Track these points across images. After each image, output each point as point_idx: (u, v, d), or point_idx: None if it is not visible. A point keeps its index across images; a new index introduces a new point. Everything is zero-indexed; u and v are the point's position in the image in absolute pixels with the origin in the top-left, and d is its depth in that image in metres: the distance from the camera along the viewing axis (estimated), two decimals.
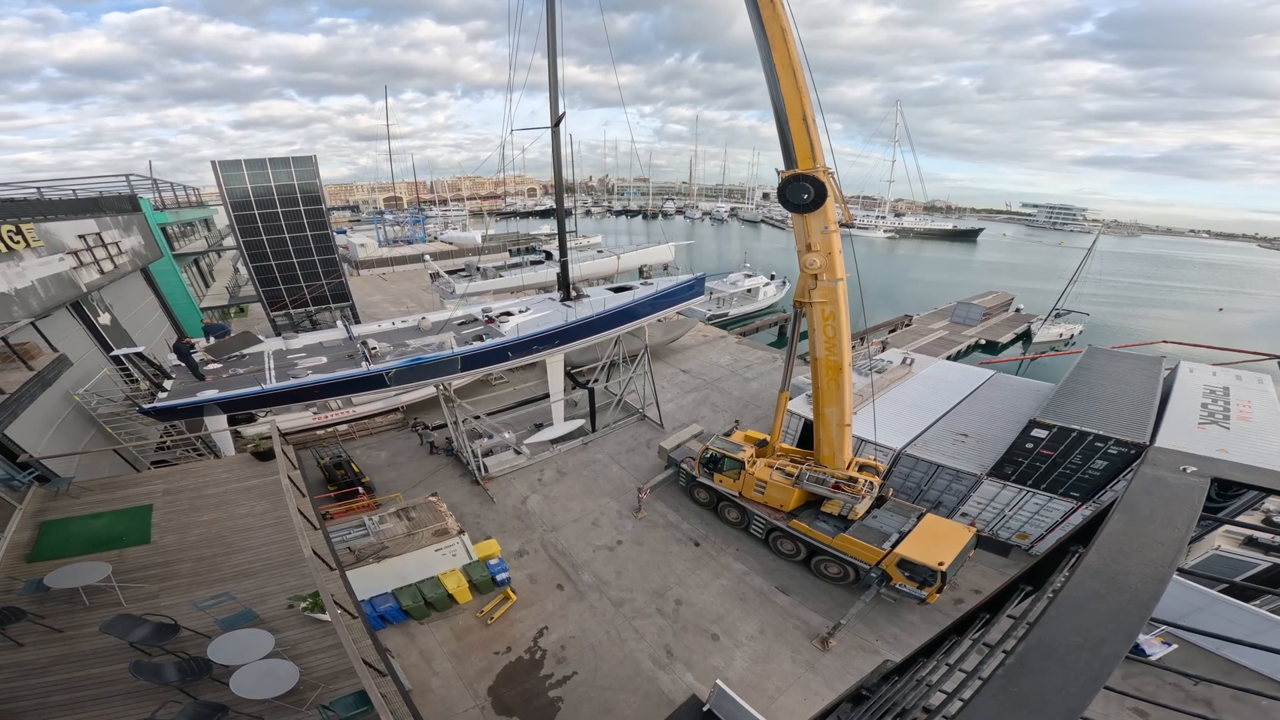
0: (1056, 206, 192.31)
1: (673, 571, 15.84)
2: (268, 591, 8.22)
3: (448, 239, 71.10)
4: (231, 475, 10.90)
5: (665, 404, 25.93)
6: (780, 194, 12.15)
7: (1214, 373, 20.13)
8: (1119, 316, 55.08)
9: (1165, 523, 2.15)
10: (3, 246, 12.50)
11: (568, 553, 16.66)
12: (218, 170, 24.68)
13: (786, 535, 15.67)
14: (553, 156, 18.26)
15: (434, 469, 21.23)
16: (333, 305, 30.29)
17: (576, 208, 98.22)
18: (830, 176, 11.80)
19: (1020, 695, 1.64)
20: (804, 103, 11.09)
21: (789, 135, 11.49)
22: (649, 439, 23.16)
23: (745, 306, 46.72)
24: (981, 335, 41.71)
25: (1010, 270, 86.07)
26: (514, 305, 20.72)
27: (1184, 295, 73.68)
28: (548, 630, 13.90)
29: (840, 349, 13.38)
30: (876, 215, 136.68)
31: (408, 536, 14.42)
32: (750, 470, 16.45)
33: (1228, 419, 16.38)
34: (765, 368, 31.25)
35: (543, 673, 12.79)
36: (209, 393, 14.02)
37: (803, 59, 10.93)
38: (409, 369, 15.64)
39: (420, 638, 13.71)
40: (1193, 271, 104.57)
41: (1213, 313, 61.44)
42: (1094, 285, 52.44)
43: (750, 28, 11.21)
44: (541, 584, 15.48)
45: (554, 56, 16.45)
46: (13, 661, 6.81)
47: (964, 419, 19.43)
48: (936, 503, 17.23)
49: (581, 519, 18.25)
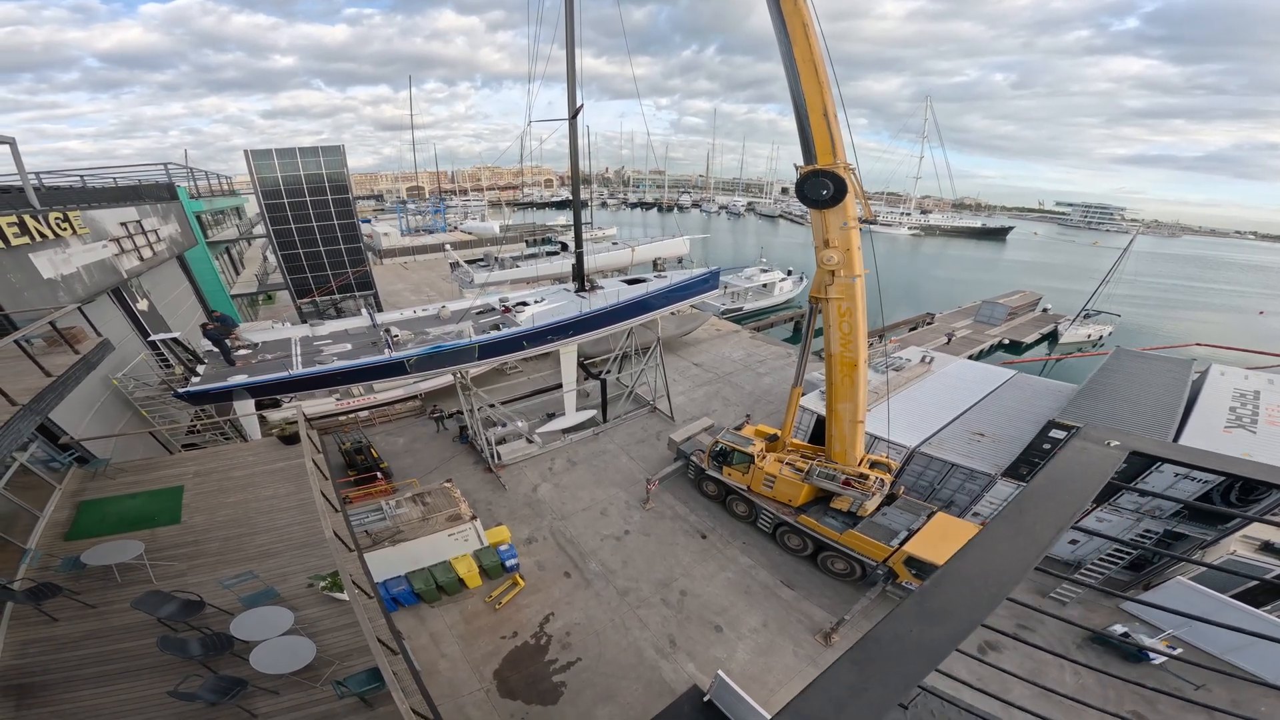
0: (1093, 205, 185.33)
1: (679, 563, 15.97)
2: (289, 571, 8.49)
3: (467, 229, 71.86)
4: (258, 458, 11.22)
5: (676, 397, 26.01)
6: (799, 189, 12.01)
7: (1246, 376, 19.60)
8: (1153, 318, 53.26)
9: (1076, 485, 2.53)
10: (51, 234, 13.08)
11: (576, 541, 16.93)
12: (250, 159, 25.15)
13: (794, 530, 15.68)
14: (570, 148, 18.34)
15: (450, 456, 21.68)
16: (357, 294, 30.94)
17: (592, 200, 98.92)
18: (851, 172, 11.63)
19: (931, 609, 2.13)
20: (825, 97, 10.90)
21: (809, 130, 11.33)
22: (659, 431, 23.26)
23: (760, 301, 46.38)
24: (1005, 335, 40.73)
25: (1040, 270, 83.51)
26: (530, 295, 20.91)
27: (1224, 297, 70.71)
28: (554, 616, 14.17)
29: (856, 345, 13.27)
30: (901, 212, 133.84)
31: (422, 521, 14.81)
32: (760, 464, 16.48)
33: (1255, 423, 16.05)
34: (778, 363, 31.07)
35: (547, 658, 13.06)
36: (239, 378, 14.57)
37: (824, 53, 10.74)
38: (429, 356, 15.99)
39: (430, 620, 14.10)
40: (1235, 273, 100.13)
41: (1253, 316, 58.81)
42: (1128, 286, 50.59)
43: (769, 22, 11.07)
44: (549, 571, 15.77)
45: (572, 48, 16.47)
46: (47, 635, 7.16)
47: (982, 418, 19.19)
48: (949, 502, 17.07)
49: (590, 508, 18.50)
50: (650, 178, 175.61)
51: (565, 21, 16.25)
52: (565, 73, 16.83)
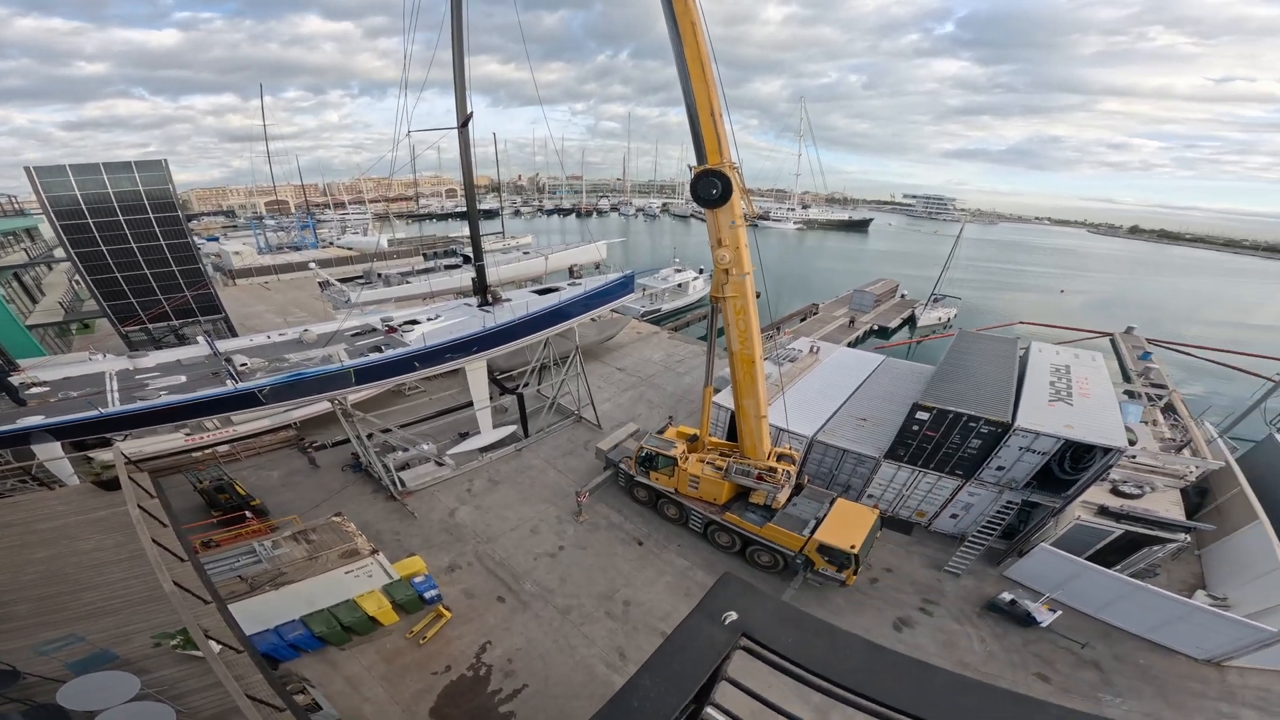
0: (930, 197, 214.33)
1: (619, 573, 16.33)
2: (130, 630, 7.86)
3: (347, 244, 68.33)
4: (70, 508, 10.30)
5: (602, 404, 26.24)
6: (692, 189, 12.50)
7: (1057, 352, 21.84)
8: (985, 300, 62.66)
9: (689, 664, 2.29)
10: None
11: (506, 563, 16.62)
12: (34, 177, 22.25)
13: (722, 528, 16.67)
14: (461, 158, 17.79)
15: (340, 487, 20.25)
16: (202, 318, 28.44)
17: (504, 208, 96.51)
18: (735, 171, 12.15)
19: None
20: (713, 97, 11.39)
21: (699, 130, 11.78)
22: (587, 440, 23.40)
23: (677, 301, 48.14)
24: (874, 321, 46.11)
25: (897, 258, 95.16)
26: (422, 313, 20.23)
27: (1033, 278, 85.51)
28: (491, 644, 13.89)
29: (752, 341, 13.97)
30: (787, 208, 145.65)
31: (309, 560, 13.83)
32: (683, 466, 17.16)
33: (1071, 395, 17.74)
34: (697, 362, 32.40)
35: (490, 688, 12.80)
36: (34, 419, 12.79)
37: (711, 54, 11.19)
38: (288, 385, 14.85)
39: (344, 664, 13.27)
40: (1040, 256, 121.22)
41: (1055, 294, 71.92)
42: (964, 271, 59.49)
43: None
44: (480, 598, 15.36)
45: (460, 55, 15.90)
46: None
47: (863, 404, 21.00)
48: (846, 486, 18.95)
49: (519, 527, 18.22)
50: (568, 183, 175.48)
51: (452, 27, 15.62)
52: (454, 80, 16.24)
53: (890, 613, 15.18)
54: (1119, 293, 76.46)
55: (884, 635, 14.44)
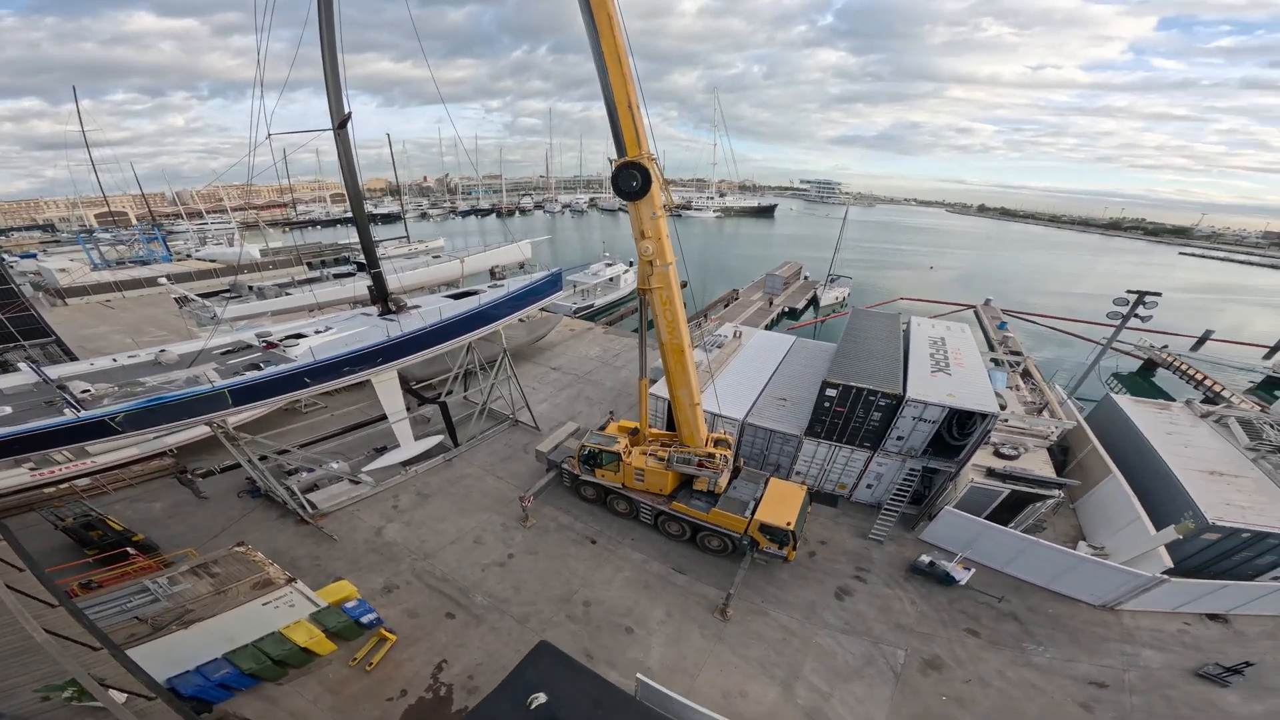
0: (821, 182, 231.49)
1: (574, 574, 16.32)
2: (9, 685, 7.10)
3: (208, 256, 60.80)
4: None
5: (539, 405, 25.77)
6: (613, 182, 12.57)
7: (933, 325, 23.83)
8: (871, 278, 68.84)
9: None
10: None
11: (450, 578, 16.05)
12: None
13: (671, 517, 17.21)
14: (340, 162, 16.63)
15: (240, 514, 18.50)
16: (25, 342, 25.68)
17: (407, 211, 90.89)
18: (653, 163, 12.33)
19: None
20: (630, 91, 11.47)
21: (618, 123, 11.85)
22: (526, 443, 22.88)
23: (609, 296, 47.96)
24: (785, 304, 49.30)
25: (800, 241, 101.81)
26: (308, 325, 18.87)
27: (907, 256, 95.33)
28: (447, 663, 13.45)
29: (680, 331, 14.31)
30: (707, 196, 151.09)
31: (217, 595, 12.64)
32: (628, 461, 17.40)
33: (949, 366, 19.10)
34: (634, 354, 32.13)
35: (455, 708, 12.44)
36: None
37: (628, 48, 11.22)
38: (147, 411, 13.31)
39: (285, 700, 12.36)
40: (911, 235, 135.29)
41: (927, 270, 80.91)
42: (852, 252, 65.08)
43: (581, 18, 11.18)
44: (425, 616, 14.77)
45: (332, 52, 14.74)
46: None
47: (781, 385, 22.21)
48: (777, 465, 20.23)
49: (460, 539, 17.60)
50: (484, 183, 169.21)
51: (320, 22, 14.46)
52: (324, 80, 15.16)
53: (830, 583, 16.40)
54: (977, 267, 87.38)
55: (829, 606, 15.55)
